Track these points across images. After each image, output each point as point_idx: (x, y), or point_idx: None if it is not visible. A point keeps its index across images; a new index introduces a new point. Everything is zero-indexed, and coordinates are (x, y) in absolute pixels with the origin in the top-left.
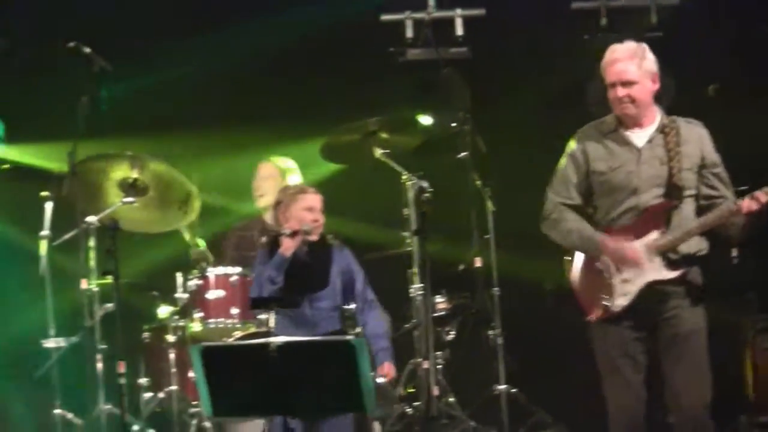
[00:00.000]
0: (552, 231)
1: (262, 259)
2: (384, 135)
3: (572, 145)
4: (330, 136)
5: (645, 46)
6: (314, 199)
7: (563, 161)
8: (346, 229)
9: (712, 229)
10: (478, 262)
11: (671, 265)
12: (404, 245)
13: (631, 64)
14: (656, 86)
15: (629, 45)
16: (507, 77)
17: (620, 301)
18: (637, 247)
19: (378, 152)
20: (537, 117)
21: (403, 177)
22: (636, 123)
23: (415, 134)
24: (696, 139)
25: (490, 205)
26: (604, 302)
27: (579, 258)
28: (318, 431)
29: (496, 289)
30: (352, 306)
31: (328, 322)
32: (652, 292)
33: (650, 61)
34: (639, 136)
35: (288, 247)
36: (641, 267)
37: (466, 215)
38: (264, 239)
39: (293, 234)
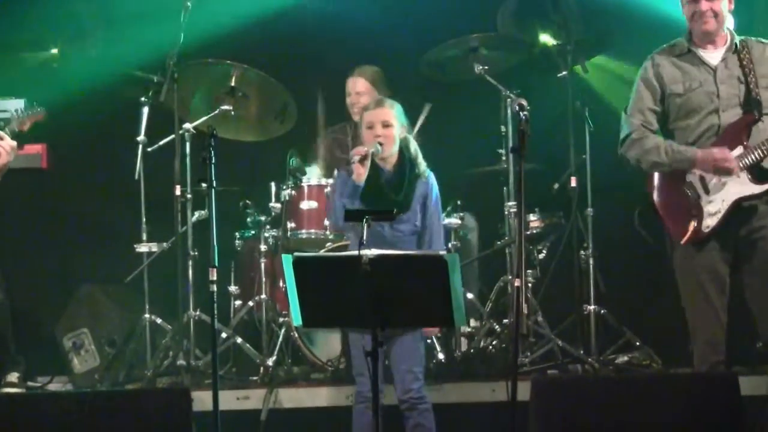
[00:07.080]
0: (633, 150)
1: (340, 187)
2: (484, 51)
3: (646, 69)
4: (431, 52)
5: None
6: (373, 115)
7: (638, 86)
8: (444, 145)
9: None
10: (573, 182)
11: (758, 179)
12: (500, 162)
13: None
14: (732, 5)
15: None
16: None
17: (709, 222)
18: (728, 150)
19: (478, 68)
20: (639, 37)
21: (502, 94)
22: (710, 41)
23: (516, 52)
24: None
25: (588, 125)
26: (692, 224)
27: (659, 180)
28: (388, 351)
29: (590, 209)
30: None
31: (407, 244)
32: (741, 210)
33: None
34: (713, 56)
35: (360, 173)
36: (734, 170)
37: (564, 134)
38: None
39: (362, 159)
